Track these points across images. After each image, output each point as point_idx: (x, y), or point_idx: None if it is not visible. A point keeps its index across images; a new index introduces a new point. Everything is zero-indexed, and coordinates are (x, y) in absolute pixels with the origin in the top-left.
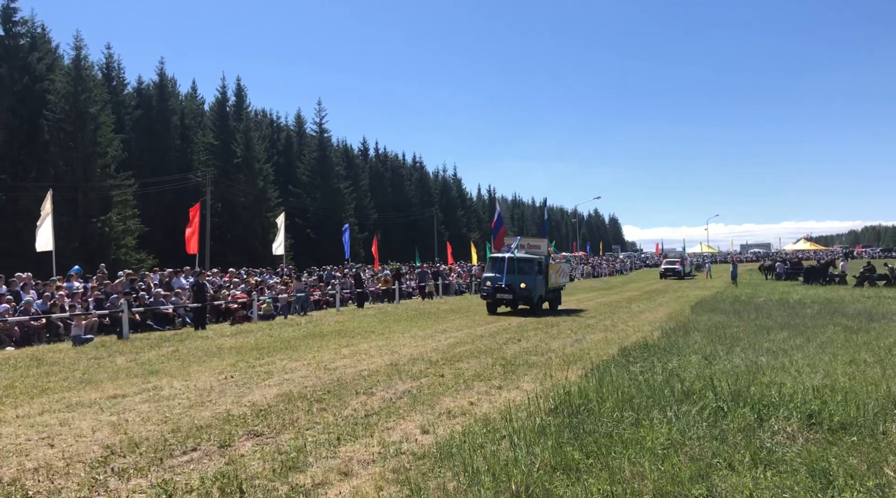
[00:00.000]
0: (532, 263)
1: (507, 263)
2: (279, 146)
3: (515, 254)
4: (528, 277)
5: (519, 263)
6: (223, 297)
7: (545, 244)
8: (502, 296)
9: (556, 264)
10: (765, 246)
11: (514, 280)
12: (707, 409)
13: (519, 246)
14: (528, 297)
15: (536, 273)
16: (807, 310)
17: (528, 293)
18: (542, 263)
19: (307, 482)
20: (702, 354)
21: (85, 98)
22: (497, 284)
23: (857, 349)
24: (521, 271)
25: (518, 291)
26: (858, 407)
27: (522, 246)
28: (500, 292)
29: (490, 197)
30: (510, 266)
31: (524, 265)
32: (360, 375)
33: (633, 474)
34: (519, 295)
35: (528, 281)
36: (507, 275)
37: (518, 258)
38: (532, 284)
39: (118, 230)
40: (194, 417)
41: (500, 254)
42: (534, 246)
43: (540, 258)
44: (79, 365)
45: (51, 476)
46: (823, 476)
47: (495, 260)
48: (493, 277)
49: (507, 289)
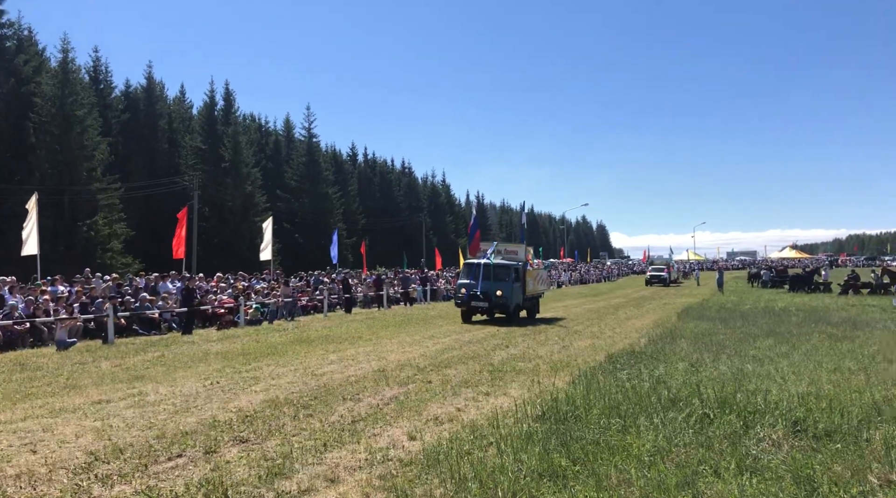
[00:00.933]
0: (509, 270)
1: (483, 269)
2: (267, 151)
3: (492, 260)
4: (505, 284)
5: (495, 269)
6: (210, 302)
7: (523, 250)
8: (477, 304)
9: (534, 271)
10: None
11: (489, 287)
12: (693, 416)
13: (496, 252)
14: (504, 305)
15: (513, 280)
16: (792, 318)
17: (504, 301)
18: (519, 269)
19: (293, 489)
20: (688, 362)
21: (72, 101)
22: (472, 292)
23: (841, 357)
24: (498, 278)
25: (494, 299)
26: (843, 414)
27: (499, 252)
28: (475, 300)
29: (479, 203)
30: (486, 273)
31: (500, 272)
32: (348, 380)
33: (619, 481)
34: (495, 303)
35: (504, 288)
36: (483, 282)
37: (494, 264)
38: (508, 292)
39: (104, 234)
40: (180, 422)
41: (475, 260)
42: (511, 252)
43: (517, 264)
44: (63, 370)
45: (33, 483)
46: (808, 483)
47: (470, 266)
48: (468, 283)
49: (483, 296)
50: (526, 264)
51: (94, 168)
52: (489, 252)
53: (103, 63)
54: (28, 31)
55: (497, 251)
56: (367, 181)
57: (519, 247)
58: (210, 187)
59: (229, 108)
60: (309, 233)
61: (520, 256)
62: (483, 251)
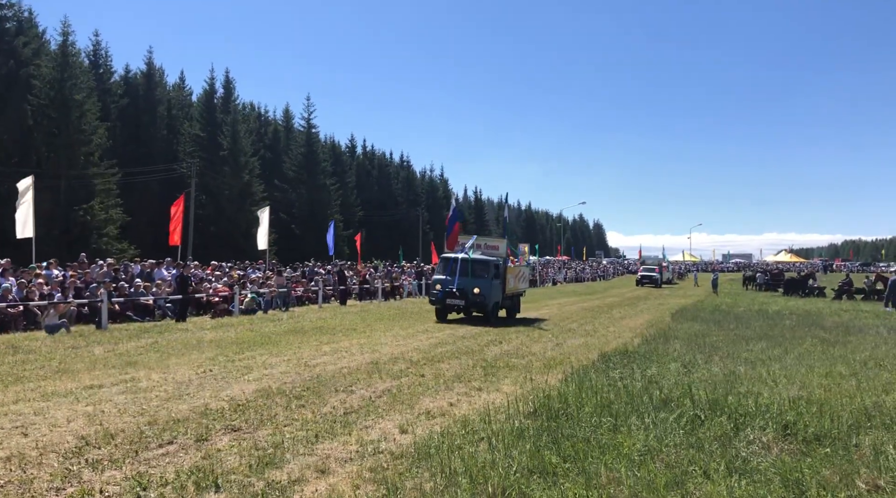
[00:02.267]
0: (488, 266)
1: (460, 264)
2: (266, 140)
3: (470, 255)
4: (483, 281)
5: (473, 265)
6: (204, 290)
7: (504, 245)
8: (453, 302)
9: (515, 268)
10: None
11: (466, 284)
12: (684, 417)
13: (475, 246)
14: (481, 303)
15: (492, 277)
16: (785, 321)
17: (482, 299)
18: (499, 265)
19: (283, 479)
20: (681, 362)
21: (71, 85)
22: (448, 289)
23: (833, 362)
24: (476, 275)
25: (471, 297)
26: (833, 419)
27: (479, 246)
28: (451, 298)
29: (476, 198)
30: (463, 268)
31: (479, 268)
32: (341, 372)
33: (609, 480)
34: (472, 301)
35: (482, 286)
36: (460, 278)
37: (473, 260)
38: (487, 290)
39: (100, 219)
40: (171, 409)
41: (452, 254)
42: (491, 247)
43: (497, 260)
44: (55, 354)
45: (23, 465)
46: (796, 487)
47: (447, 261)
48: (444, 280)
49: (459, 294)
50: (506, 261)
51: (91, 153)
52: (468, 246)
53: (103, 47)
54: (28, 12)
55: (476, 245)
56: (366, 173)
57: (500, 242)
58: (207, 175)
59: (229, 96)
60: (305, 223)
61: (500, 251)
62: (461, 245)
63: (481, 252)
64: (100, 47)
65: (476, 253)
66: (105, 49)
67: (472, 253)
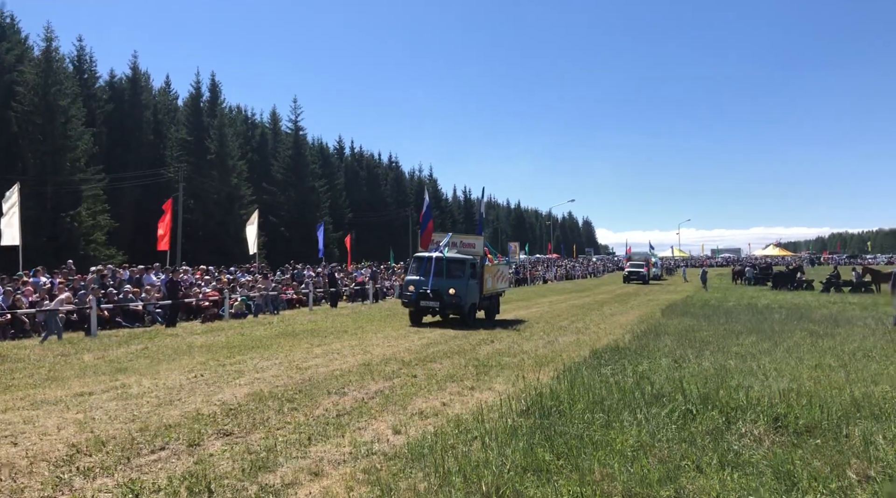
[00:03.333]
0: (463, 265)
1: (434, 264)
2: (253, 143)
3: (444, 253)
4: (459, 281)
5: (448, 264)
6: (194, 294)
7: (481, 243)
8: (427, 303)
9: (492, 267)
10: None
11: (441, 285)
12: (676, 411)
13: (450, 244)
14: (457, 305)
15: (469, 277)
16: (774, 315)
17: (457, 301)
18: (476, 264)
19: (277, 482)
20: (672, 358)
21: (55, 90)
22: (421, 290)
23: (822, 354)
24: (451, 275)
25: (446, 298)
26: (823, 410)
27: (454, 244)
28: (425, 299)
29: (465, 197)
30: (437, 268)
31: (454, 267)
32: (333, 374)
33: (602, 476)
34: (447, 302)
35: (458, 286)
36: (434, 278)
37: (447, 259)
38: (463, 290)
39: (87, 225)
40: (163, 415)
41: (426, 253)
42: (467, 245)
43: (473, 259)
44: (45, 362)
45: (13, 475)
46: (788, 478)
47: (420, 260)
48: (417, 280)
49: (433, 295)
50: (484, 259)
51: (77, 159)
52: (442, 244)
53: (87, 53)
54: (10, 18)
55: (451, 244)
56: (354, 175)
57: (477, 239)
58: (195, 179)
59: (215, 99)
60: (295, 226)
61: (477, 249)
62: (435, 243)
63: (457, 251)
64: (84, 52)
65: (451, 252)
66: (89, 54)
67: (446, 252)
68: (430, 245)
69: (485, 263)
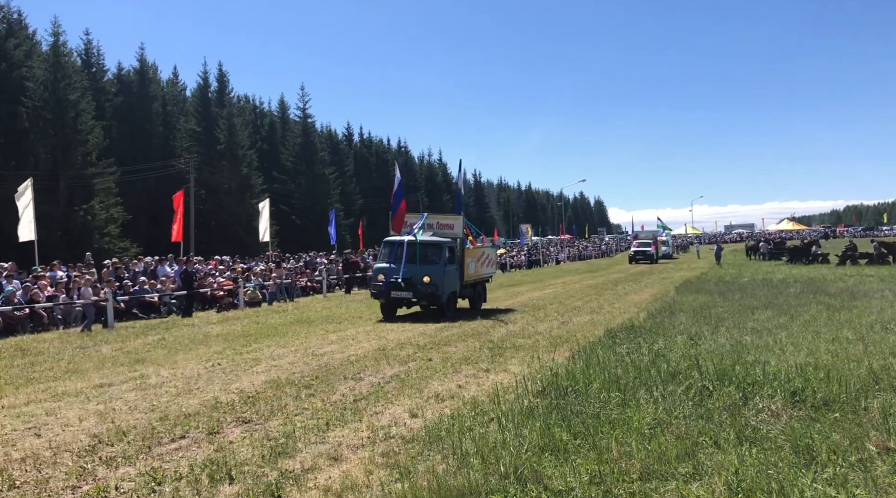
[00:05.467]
0: (440, 249)
1: (407, 249)
2: (262, 132)
3: (418, 237)
4: (435, 267)
5: (422, 248)
6: (209, 284)
7: (460, 223)
8: (399, 294)
9: (475, 250)
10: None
11: (414, 272)
12: (693, 388)
13: (425, 226)
14: (434, 294)
15: (446, 262)
16: (790, 289)
17: (433, 290)
18: (454, 248)
19: (296, 468)
20: (687, 335)
21: (64, 85)
22: (392, 279)
23: (839, 327)
24: (426, 260)
25: (420, 288)
26: (841, 383)
27: (430, 226)
28: (396, 289)
29: (476, 180)
30: (410, 253)
31: (429, 252)
32: (348, 360)
33: (620, 454)
34: (422, 292)
35: (433, 273)
36: (406, 265)
37: (421, 242)
38: (439, 278)
39: (101, 218)
40: (182, 404)
41: (397, 237)
42: (445, 225)
43: (451, 242)
44: (64, 355)
45: (38, 466)
46: (807, 452)
47: (391, 245)
48: (387, 268)
49: (406, 284)
50: (465, 241)
51: (88, 152)
52: (416, 227)
53: (95, 46)
54: (18, 14)
55: (427, 225)
56: (364, 161)
57: (455, 219)
58: (206, 170)
59: (223, 89)
60: (306, 214)
61: (456, 230)
62: (409, 226)
63: (432, 233)
64: (91, 46)
65: (426, 234)
66: (97, 48)
67: (420, 234)
68: (403, 228)
69: (465, 246)
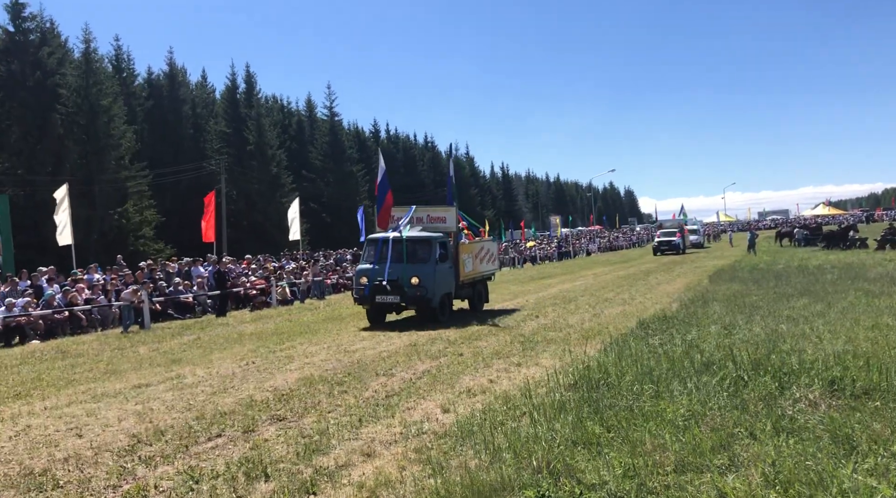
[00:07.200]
0: (430, 246)
1: (392, 247)
2: (291, 131)
3: (405, 233)
4: (425, 266)
5: (410, 246)
6: (242, 284)
7: (453, 215)
8: (385, 298)
9: (472, 245)
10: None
11: (401, 273)
12: (727, 379)
13: (413, 220)
14: (423, 298)
15: (437, 260)
16: (827, 275)
17: (423, 292)
18: (446, 243)
19: (331, 464)
20: (721, 324)
21: (96, 91)
22: (376, 281)
23: (879, 314)
24: (414, 259)
25: (408, 291)
26: (881, 372)
27: (419, 220)
28: (381, 293)
29: (503, 173)
30: (396, 252)
31: (418, 249)
32: (380, 356)
33: (654, 446)
34: (410, 295)
35: (423, 273)
36: (392, 265)
37: (408, 239)
38: (430, 278)
39: (135, 221)
40: (217, 403)
41: (381, 234)
42: (437, 219)
43: (442, 237)
44: (103, 356)
45: (80, 466)
46: (846, 442)
47: (375, 243)
48: (370, 269)
49: (392, 287)
50: (460, 236)
51: (121, 156)
52: (404, 221)
53: (125, 52)
54: (50, 23)
55: (416, 220)
56: (391, 157)
57: (447, 211)
58: (236, 170)
59: (251, 90)
60: (336, 212)
61: (449, 223)
62: (396, 221)
63: (422, 228)
64: (121, 52)
65: (414, 229)
66: (127, 53)
67: (408, 230)
68: (389, 224)
69: (461, 241)
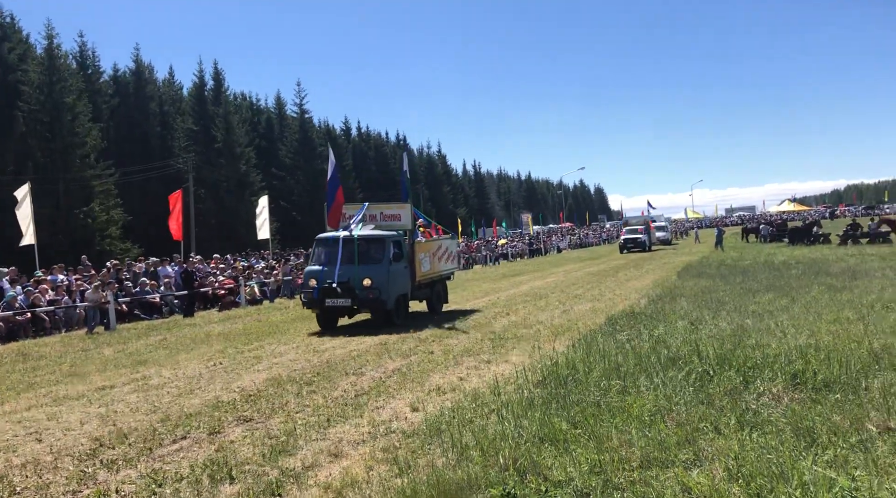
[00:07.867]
0: (383, 245)
1: (343, 246)
2: (260, 129)
3: (356, 232)
4: (378, 267)
5: (362, 245)
6: (210, 283)
7: (408, 212)
8: (335, 302)
9: (429, 243)
10: (749, 209)
11: (352, 275)
12: (693, 373)
13: (366, 218)
14: (376, 300)
15: (391, 260)
16: (792, 271)
17: (376, 294)
18: (401, 242)
19: (297, 465)
20: (688, 320)
21: (60, 88)
22: (325, 284)
23: (840, 307)
24: (366, 259)
25: (360, 293)
26: (841, 365)
27: (372, 217)
28: (331, 296)
29: (476, 172)
30: (346, 252)
31: (370, 248)
32: (350, 355)
33: (620, 442)
34: (362, 298)
35: (375, 274)
36: (342, 266)
37: (360, 238)
38: (383, 280)
39: (101, 221)
40: (183, 405)
41: (331, 233)
42: (390, 216)
43: (397, 235)
44: (66, 358)
45: (38, 471)
46: (808, 435)
47: (325, 243)
48: (319, 271)
49: (342, 290)
50: (415, 234)
51: (86, 155)
52: (355, 219)
53: (90, 48)
54: (10, 18)
55: (369, 217)
56: (362, 155)
57: (402, 208)
58: (204, 169)
59: (219, 87)
60: (306, 210)
61: (404, 221)
62: (348, 218)
63: (374, 226)
64: (86, 48)
65: (367, 228)
66: (91, 49)
67: (359, 228)
68: (340, 222)
69: (417, 239)
